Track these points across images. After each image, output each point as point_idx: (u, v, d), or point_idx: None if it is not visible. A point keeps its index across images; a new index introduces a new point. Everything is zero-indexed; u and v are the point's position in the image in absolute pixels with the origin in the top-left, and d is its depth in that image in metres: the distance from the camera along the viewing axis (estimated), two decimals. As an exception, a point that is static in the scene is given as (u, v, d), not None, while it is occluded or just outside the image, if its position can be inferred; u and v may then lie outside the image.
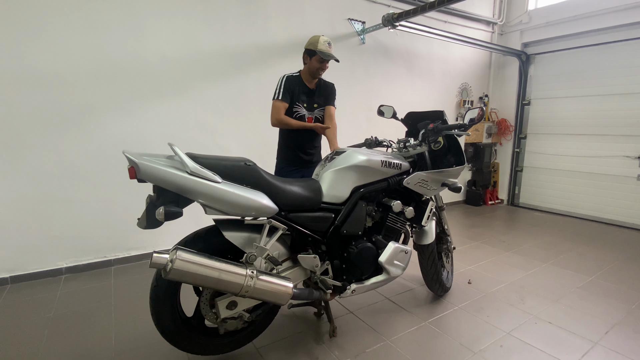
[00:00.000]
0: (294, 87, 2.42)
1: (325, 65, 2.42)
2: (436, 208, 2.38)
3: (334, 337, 2.05)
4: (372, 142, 2.33)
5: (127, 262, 3.12)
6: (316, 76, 2.46)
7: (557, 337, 2.07)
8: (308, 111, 2.50)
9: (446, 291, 2.55)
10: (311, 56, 2.39)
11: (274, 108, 2.41)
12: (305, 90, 2.48)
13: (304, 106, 2.47)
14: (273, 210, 1.59)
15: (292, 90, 2.41)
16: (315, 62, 2.38)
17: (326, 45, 2.35)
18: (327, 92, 2.58)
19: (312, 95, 2.51)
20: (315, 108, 2.53)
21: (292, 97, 2.42)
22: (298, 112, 2.46)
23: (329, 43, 2.37)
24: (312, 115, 2.52)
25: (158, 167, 1.35)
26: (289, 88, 2.40)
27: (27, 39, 2.57)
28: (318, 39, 2.35)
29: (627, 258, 3.39)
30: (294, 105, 2.44)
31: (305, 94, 2.48)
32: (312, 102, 2.51)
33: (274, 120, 2.41)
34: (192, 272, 1.38)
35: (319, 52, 2.33)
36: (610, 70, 4.57)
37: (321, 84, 2.55)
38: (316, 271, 1.82)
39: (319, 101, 2.54)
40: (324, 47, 2.34)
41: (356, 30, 4.15)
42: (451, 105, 5.33)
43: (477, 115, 2.03)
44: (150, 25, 2.97)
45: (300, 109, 2.47)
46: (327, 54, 2.33)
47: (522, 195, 5.68)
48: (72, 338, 2.04)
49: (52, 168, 2.76)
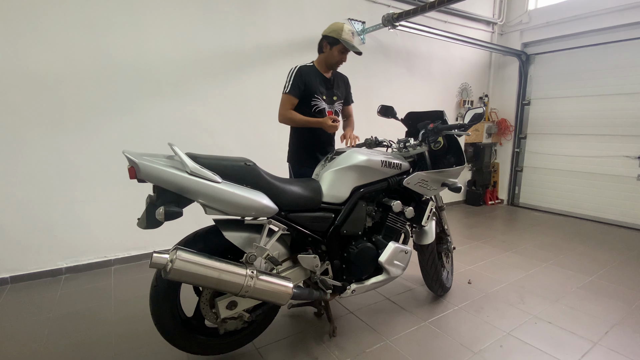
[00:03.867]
0: (308, 78, 2.18)
1: (346, 56, 2.20)
2: (436, 208, 2.37)
3: (333, 337, 2.05)
4: (372, 142, 2.28)
5: (127, 262, 3.13)
6: (333, 68, 2.26)
7: (557, 337, 2.07)
8: (328, 104, 2.26)
9: (446, 291, 2.55)
10: (332, 45, 2.15)
11: (282, 102, 2.19)
12: (324, 80, 2.25)
13: (323, 99, 2.23)
14: (273, 210, 1.59)
15: (306, 82, 2.17)
16: (336, 52, 2.16)
17: (350, 35, 2.13)
18: (344, 84, 2.39)
19: (330, 86, 2.29)
20: (335, 101, 2.30)
21: (309, 89, 2.19)
22: (317, 106, 2.22)
23: (353, 33, 2.14)
24: (332, 109, 2.28)
25: (158, 167, 1.34)
26: (300, 80, 2.16)
27: (27, 38, 2.56)
28: (342, 26, 2.11)
29: (627, 258, 3.38)
30: (313, 97, 2.20)
31: (324, 85, 2.25)
32: (331, 95, 2.29)
33: (280, 116, 2.21)
34: (192, 272, 1.38)
35: (343, 42, 2.11)
36: (610, 70, 4.56)
37: (337, 75, 2.36)
38: (316, 271, 1.82)
39: (337, 93, 2.33)
40: (348, 37, 2.12)
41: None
42: (451, 105, 5.32)
43: (478, 115, 2.03)
44: (150, 25, 2.97)
45: (320, 102, 2.23)
46: (352, 45, 2.12)
47: (522, 195, 5.68)
48: (72, 338, 2.04)
49: (52, 168, 2.76)
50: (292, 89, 2.16)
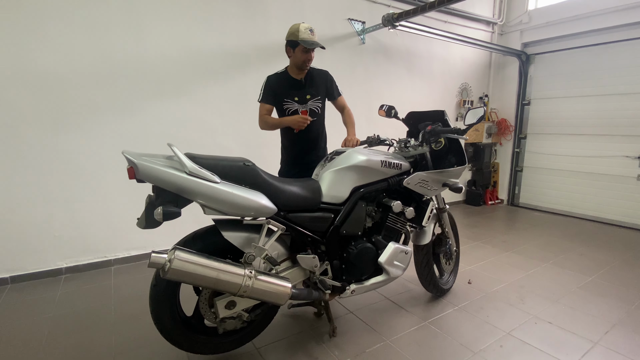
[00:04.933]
0: (276, 85, 2.32)
1: (311, 54, 2.23)
2: (437, 209, 2.35)
3: (333, 337, 2.05)
4: (373, 140, 2.27)
5: (127, 262, 3.13)
6: (303, 68, 2.29)
7: (557, 337, 2.07)
8: (301, 104, 2.35)
9: (443, 293, 2.53)
10: (294, 47, 2.21)
11: (259, 111, 2.37)
12: (293, 84, 2.34)
13: (294, 100, 2.33)
14: (272, 210, 1.59)
15: (275, 89, 2.31)
16: (299, 54, 2.21)
17: (308, 32, 2.15)
18: (321, 80, 2.42)
19: (302, 87, 2.36)
20: (308, 100, 2.37)
21: (279, 95, 2.32)
22: (289, 108, 2.34)
23: (310, 30, 2.16)
24: (305, 109, 2.36)
25: (156, 167, 1.35)
26: (270, 88, 2.32)
27: (27, 38, 2.57)
28: (298, 27, 2.15)
29: (627, 258, 3.38)
30: (284, 102, 2.33)
31: (294, 87, 2.34)
32: (303, 94, 2.36)
33: (259, 122, 2.39)
34: (190, 272, 1.38)
35: (302, 42, 2.14)
36: (610, 70, 4.56)
37: (312, 73, 2.39)
38: (315, 271, 1.82)
39: (311, 92, 2.37)
40: (306, 36, 2.14)
41: (356, 30, 4.15)
42: (451, 105, 5.32)
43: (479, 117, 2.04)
44: (150, 25, 2.97)
45: (292, 104, 2.34)
46: (310, 42, 2.14)
47: (522, 195, 5.68)
48: (72, 338, 2.04)
49: (52, 168, 2.76)
50: (264, 96, 2.35)
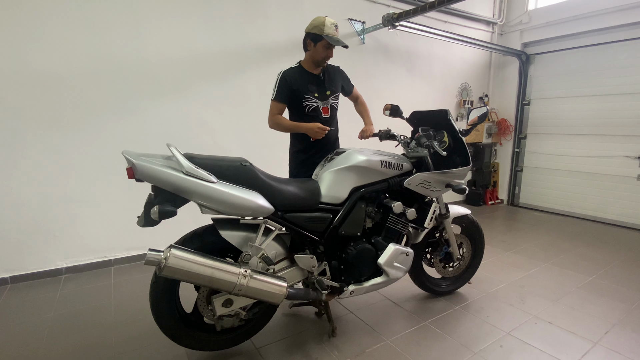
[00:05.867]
0: (294, 81, 2.15)
1: (332, 51, 2.12)
2: (439, 215, 2.26)
3: (333, 337, 2.04)
4: (384, 134, 2.18)
5: (127, 262, 3.13)
6: (321, 65, 2.18)
7: (557, 337, 2.07)
8: (321, 101, 2.21)
9: (437, 294, 2.53)
10: (316, 42, 2.07)
11: (270, 108, 2.19)
12: (312, 79, 2.19)
13: (315, 96, 2.19)
14: (268, 210, 1.60)
15: (292, 86, 2.14)
16: (321, 49, 2.08)
17: (333, 28, 2.03)
18: (338, 76, 2.33)
19: (321, 82, 2.22)
20: (328, 96, 2.24)
21: (297, 92, 2.15)
22: (310, 105, 2.18)
23: (336, 26, 2.05)
24: (327, 105, 2.23)
25: (154, 167, 1.37)
26: (285, 85, 2.14)
27: (27, 38, 2.57)
28: (324, 21, 2.02)
29: (627, 258, 3.38)
30: (303, 98, 2.16)
31: (314, 83, 2.19)
32: (323, 90, 2.22)
33: (269, 121, 2.21)
34: (185, 269, 1.40)
35: (326, 37, 2.01)
36: (610, 70, 4.56)
37: (327, 69, 2.28)
38: (313, 271, 1.82)
39: (330, 87, 2.25)
40: (331, 31, 2.02)
41: (356, 30, 4.15)
42: (451, 105, 5.32)
43: (479, 117, 2.04)
44: (150, 25, 2.97)
45: (312, 101, 2.18)
46: (335, 39, 2.03)
47: (522, 195, 5.68)
48: (72, 338, 2.04)
49: (52, 168, 2.76)
50: (278, 94, 2.15)
